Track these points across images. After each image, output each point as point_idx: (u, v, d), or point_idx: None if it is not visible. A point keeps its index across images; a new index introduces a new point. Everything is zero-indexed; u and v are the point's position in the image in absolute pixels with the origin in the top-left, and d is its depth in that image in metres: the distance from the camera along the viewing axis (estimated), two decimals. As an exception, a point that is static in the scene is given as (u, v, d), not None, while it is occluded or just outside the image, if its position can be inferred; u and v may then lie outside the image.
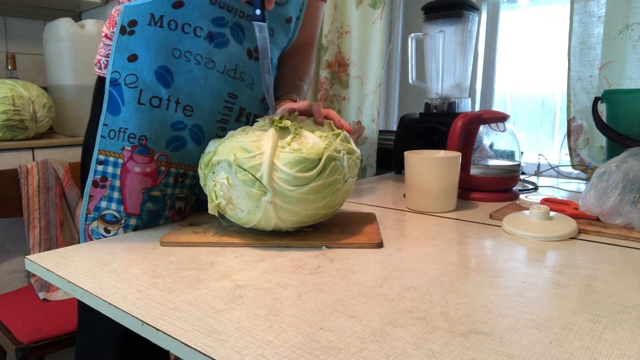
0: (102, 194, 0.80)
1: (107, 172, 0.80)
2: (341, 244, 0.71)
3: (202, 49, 0.80)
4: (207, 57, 0.80)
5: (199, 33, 0.79)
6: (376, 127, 1.74)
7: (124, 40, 0.77)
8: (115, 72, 0.78)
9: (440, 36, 1.37)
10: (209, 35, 0.80)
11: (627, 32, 1.21)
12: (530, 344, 0.43)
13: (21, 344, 1.23)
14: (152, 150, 0.80)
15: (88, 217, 0.81)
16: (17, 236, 1.64)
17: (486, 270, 0.62)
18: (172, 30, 0.78)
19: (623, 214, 0.79)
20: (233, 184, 0.69)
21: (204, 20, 0.79)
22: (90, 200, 0.81)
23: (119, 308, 0.52)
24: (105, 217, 0.80)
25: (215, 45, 0.80)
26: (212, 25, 0.80)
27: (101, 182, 0.80)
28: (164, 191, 0.83)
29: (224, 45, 0.81)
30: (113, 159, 0.80)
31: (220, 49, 0.81)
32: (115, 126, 0.79)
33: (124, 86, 0.78)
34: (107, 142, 0.79)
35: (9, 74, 1.81)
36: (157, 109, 0.79)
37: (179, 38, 0.78)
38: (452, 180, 0.93)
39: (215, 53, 0.81)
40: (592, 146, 1.32)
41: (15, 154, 1.60)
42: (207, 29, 0.79)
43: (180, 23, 0.78)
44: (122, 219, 0.80)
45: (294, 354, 0.42)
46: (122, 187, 0.80)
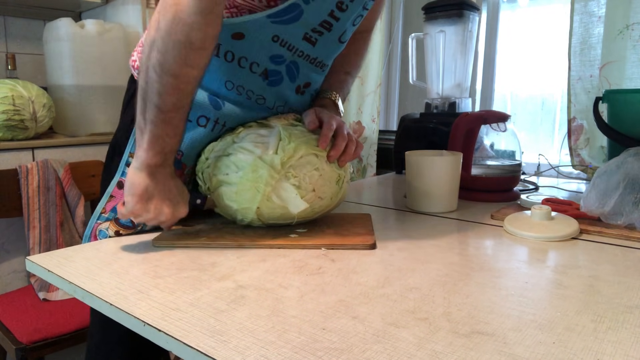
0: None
1: None
2: (334, 245, 0.71)
3: (256, 85, 0.77)
4: (259, 94, 0.78)
5: (254, 69, 0.76)
6: (376, 127, 1.74)
7: None
8: None
9: (440, 36, 1.37)
10: (264, 72, 0.77)
11: (627, 32, 1.21)
12: (533, 345, 0.43)
13: (21, 344, 1.23)
14: (185, 165, 0.79)
15: (102, 216, 0.79)
16: (17, 236, 1.64)
17: (488, 270, 0.62)
18: (229, 62, 0.74)
19: (624, 214, 0.79)
20: (322, 174, 0.73)
21: (262, 56, 0.75)
22: (110, 200, 0.78)
23: (120, 309, 0.51)
24: (121, 220, 0.78)
25: (269, 83, 0.78)
26: (269, 62, 0.76)
27: None
28: None
29: (277, 84, 0.79)
30: None
31: (273, 87, 0.79)
32: None
33: None
34: None
35: (9, 74, 1.81)
36: (203, 128, 0.77)
37: (234, 71, 0.75)
38: (453, 180, 0.93)
39: (267, 90, 0.79)
40: (593, 146, 1.32)
41: (15, 154, 1.59)
42: (264, 65, 0.76)
43: (237, 56, 0.74)
44: (138, 226, 0.78)
45: (297, 354, 0.42)
46: None
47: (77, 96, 1.79)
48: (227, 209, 0.75)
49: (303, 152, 0.72)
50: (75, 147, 1.73)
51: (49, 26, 1.79)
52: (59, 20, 1.74)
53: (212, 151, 0.76)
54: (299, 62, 0.80)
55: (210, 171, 0.75)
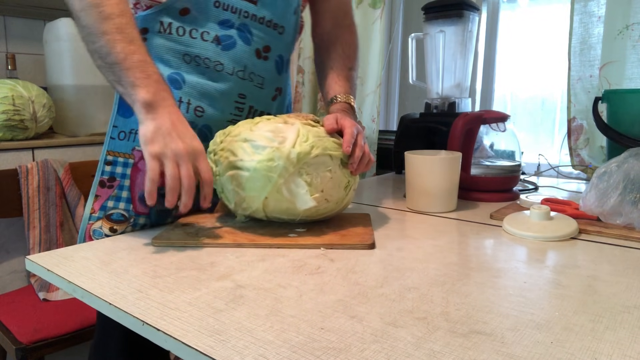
0: (110, 193, 0.80)
1: (115, 172, 0.80)
2: (333, 244, 0.71)
3: (211, 52, 0.81)
4: (216, 60, 0.81)
5: (206, 37, 0.80)
6: (376, 127, 1.74)
7: None
8: None
9: (440, 36, 1.37)
10: (215, 38, 0.81)
11: (627, 32, 1.21)
12: (531, 344, 0.43)
13: (21, 344, 1.23)
14: None
15: (92, 217, 0.80)
16: (17, 236, 1.64)
17: (487, 270, 0.62)
18: (181, 37, 0.79)
19: (624, 214, 0.79)
20: (333, 176, 0.74)
21: (210, 23, 0.80)
22: (96, 200, 0.80)
23: (119, 308, 0.52)
24: (112, 216, 0.80)
25: (223, 47, 0.81)
26: (218, 29, 0.81)
27: (108, 182, 0.80)
28: None
29: (231, 47, 0.82)
30: (123, 159, 0.80)
31: (227, 51, 0.82)
32: (125, 128, 0.80)
33: None
34: (116, 143, 0.80)
35: (9, 74, 1.81)
36: None
37: (188, 43, 0.80)
38: (452, 180, 0.93)
39: (223, 55, 0.81)
40: (593, 146, 1.32)
41: (15, 154, 1.60)
42: (214, 32, 0.81)
43: (187, 29, 0.79)
44: (130, 218, 0.81)
45: (295, 354, 0.42)
46: (132, 187, 0.81)
47: (77, 96, 1.79)
48: (232, 195, 0.75)
49: (319, 152, 0.72)
50: (75, 147, 1.73)
51: (49, 26, 1.79)
52: (59, 20, 1.74)
53: (228, 135, 0.76)
54: (249, 24, 0.83)
55: (223, 153, 0.74)
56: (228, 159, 0.73)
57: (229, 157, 0.73)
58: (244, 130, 0.74)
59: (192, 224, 0.81)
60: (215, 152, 0.76)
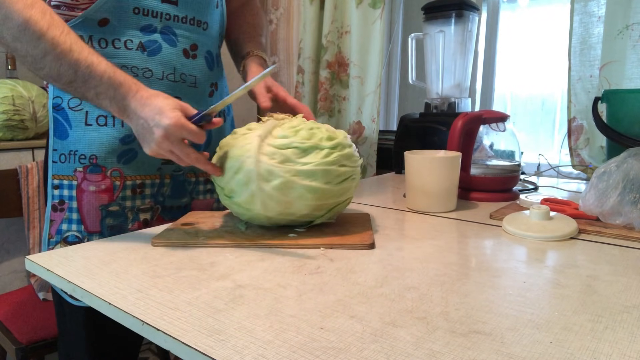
0: (62, 217, 0.81)
1: (63, 195, 0.81)
2: (333, 244, 0.71)
3: (137, 60, 0.80)
4: (144, 67, 0.80)
5: (129, 45, 0.79)
6: (376, 127, 1.74)
7: None
8: (57, 98, 0.79)
9: (440, 36, 1.37)
10: (140, 45, 0.80)
11: (627, 32, 1.21)
12: (530, 344, 0.43)
13: (21, 344, 1.23)
14: (104, 168, 0.81)
15: (50, 242, 0.82)
16: (17, 236, 1.64)
17: (486, 270, 0.62)
18: (103, 49, 0.78)
19: (623, 214, 0.79)
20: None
21: (132, 31, 0.79)
22: (52, 225, 0.82)
23: (119, 308, 0.52)
24: (68, 238, 0.81)
25: (149, 53, 0.80)
26: (141, 35, 0.80)
27: (59, 206, 0.81)
28: (122, 205, 0.84)
29: (157, 52, 0.81)
30: (67, 181, 0.81)
31: (154, 56, 0.81)
32: (65, 150, 0.80)
33: (69, 110, 0.79)
34: (59, 167, 0.81)
35: (9, 74, 1.81)
36: (104, 127, 0.80)
37: (112, 54, 0.78)
38: (452, 180, 0.93)
39: (150, 61, 0.81)
40: (593, 146, 1.32)
41: (15, 154, 1.60)
42: (138, 39, 0.79)
43: (110, 39, 0.78)
44: (84, 238, 0.81)
45: (295, 354, 0.42)
46: (80, 208, 0.81)
47: (77, 96, 1.79)
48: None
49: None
50: (75, 147, 1.73)
51: (49, 26, 1.79)
52: (59, 20, 1.74)
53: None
54: (172, 26, 0.82)
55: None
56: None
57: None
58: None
59: (192, 224, 0.81)
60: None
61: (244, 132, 0.75)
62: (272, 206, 0.71)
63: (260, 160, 0.69)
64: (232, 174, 0.71)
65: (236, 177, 0.70)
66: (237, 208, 0.74)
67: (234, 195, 0.72)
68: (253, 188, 0.69)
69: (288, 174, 0.69)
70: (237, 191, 0.71)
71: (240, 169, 0.70)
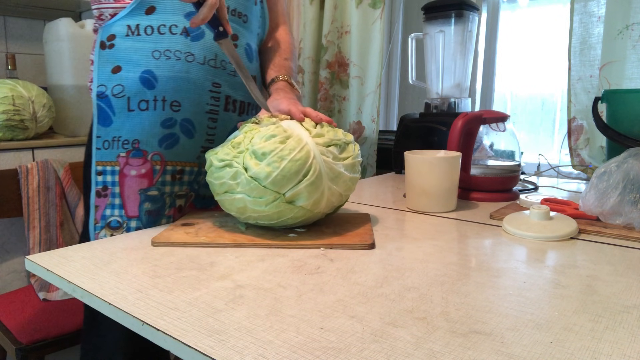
0: (106, 202, 0.83)
1: (106, 181, 0.83)
2: (333, 244, 0.71)
3: (180, 44, 0.82)
4: (186, 52, 0.82)
5: (174, 30, 0.82)
6: (376, 127, 1.74)
7: (105, 55, 0.81)
8: (101, 86, 0.81)
9: (440, 36, 1.37)
10: (184, 30, 0.82)
11: (627, 32, 1.21)
12: (530, 344, 0.43)
13: (21, 344, 1.23)
14: (145, 152, 0.82)
15: (97, 227, 0.84)
16: (17, 236, 1.64)
17: (486, 270, 0.62)
18: (149, 35, 0.81)
19: (623, 214, 0.79)
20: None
21: (177, 17, 0.82)
22: (97, 210, 0.83)
23: (119, 308, 0.52)
24: (111, 223, 0.83)
25: (192, 38, 0.83)
26: (185, 21, 0.82)
27: (103, 192, 0.83)
28: (161, 190, 0.85)
29: (200, 38, 0.83)
30: (110, 167, 0.82)
31: (197, 42, 0.83)
32: (108, 136, 0.82)
33: (112, 97, 0.81)
34: (102, 153, 0.82)
35: (9, 74, 1.81)
36: (146, 111, 0.81)
37: (157, 40, 0.81)
38: (452, 180, 0.93)
39: (193, 46, 0.83)
40: (593, 146, 1.32)
41: (15, 154, 1.60)
42: (182, 24, 0.82)
43: (155, 26, 0.81)
44: (124, 223, 0.83)
45: (295, 354, 0.42)
46: (122, 192, 0.83)
47: (77, 96, 1.79)
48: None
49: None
50: (75, 147, 1.73)
51: (49, 26, 1.79)
52: (59, 20, 1.74)
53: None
54: (215, 14, 0.83)
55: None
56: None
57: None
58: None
59: (192, 224, 0.81)
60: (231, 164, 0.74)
61: (276, 135, 0.72)
62: (332, 201, 0.75)
63: (325, 161, 0.72)
64: (300, 177, 0.69)
65: (305, 180, 0.70)
66: (297, 212, 0.72)
67: (298, 199, 0.71)
68: (323, 188, 0.71)
69: (342, 168, 0.74)
70: (303, 195, 0.70)
71: (308, 172, 0.70)
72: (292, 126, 0.74)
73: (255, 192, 0.69)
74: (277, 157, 0.69)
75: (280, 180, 0.68)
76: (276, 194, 0.69)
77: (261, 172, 0.68)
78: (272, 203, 0.70)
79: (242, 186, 0.70)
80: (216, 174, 0.73)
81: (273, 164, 0.68)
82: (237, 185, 0.70)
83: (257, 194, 0.69)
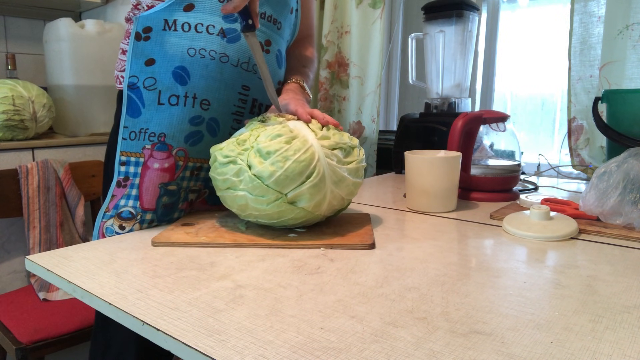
0: (123, 192, 0.82)
1: (129, 172, 0.82)
2: (333, 244, 0.71)
3: (216, 44, 0.82)
4: (221, 52, 0.83)
5: (211, 30, 0.82)
6: (376, 127, 1.74)
7: (140, 46, 0.80)
8: (133, 77, 0.81)
9: (440, 36, 1.37)
10: (221, 31, 0.82)
11: (627, 32, 1.21)
12: (531, 344, 0.43)
13: (21, 344, 1.23)
14: (171, 146, 0.82)
15: (106, 215, 0.83)
16: (17, 236, 1.64)
17: (487, 270, 0.62)
18: (186, 32, 0.81)
19: (623, 214, 0.79)
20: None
21: (215, 17, 0.82)
22: (112, 200, 0.83)
23: (119, 308, 0.52)
24: (122, 214, 0.82)
25: (228, 40, 0.83)
26: (223, 22, 0.82)
27: (124, 182, 0.82)
28: (180, 185, 0.85)
29: (236, 40, 0.84)
30: (135, 158, 0.82)
31: (233, 44, 0.83)
32: (135, 128, 0.82)
33: (143, 89, 0.81)
34: (128, 144, 0.82)
35: (9, 74, 1.81)
36: (176, 106, 0.82)
37: (193, 37, 0.81)
38: (452, 180, 0.93)
39: (228, 48, 0.83)
40: (593, 146, 1.32)
41: (15, 154, 1.60)
42: (219, 25, 0.82)
43: (193, 24, 0.81)
44: (137, 215, 0.82)
45: (295, 354, 0.42)
46: (140, 184, 0.82)
47: (77, 96, 1.79)
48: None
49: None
50: (75, 147, 1.73)
51: (49, 26, 1.79)
52: (59, 20, 1.74)
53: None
54: (247, 7, 0.83)
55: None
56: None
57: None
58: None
59: (192, 224, 0.81)
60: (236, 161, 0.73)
61: (282, 135, 0.72)
62: (333, 205, 0.75)
63: (329, 164, 0.71)
64: (304, 178, 0.69)
65: (307, 182, 0.69)
66: (298, 213, 0.72)
67: (299, 200, 0.70)
68: (325, 191, 0.71)
69: (345, 172, 0.74)
70: (305, 196, 0.70)
71: (311, 174, 0.69)
72: (298, 127, 0.74)
73: (257, 191, 0.69)
74: (282, 157, 0.68)
75: (283, 180, 0.68)
76: (278, 193, 0.69)
77: (264, 170, 0.68)
78: (273, 202, 0.70)
79: (244, 183, 0.70)
80: (220, 169, 0.73)
81: (277, 163, 0.68)
82: (240, 182, 0.70)
83: (259, 192, 0.69)
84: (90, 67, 1.79)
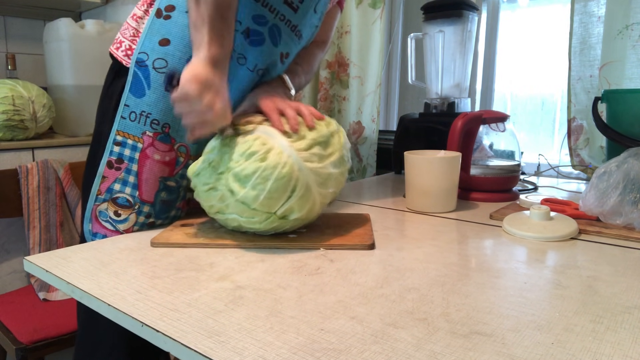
0: (117, 176, 0.78)
1: (123, 154, 0.78)
2: (333, 245, 0.71)
3: (237, 43, 0.79)
4: (240, 53, 0.80)
5: (236, 27, 0.77)
6: (376, 127, 1.74)
7: (158, 23, 0.76)
8: (143, 53, 0.77)
9: (440, 36, 1.37)
10: (246, 30, 0.79)
11: (627, 32, 1.21)
12: (532, 345, 0.43)
13: (21, 344, 1.23)
14: (174, 140, 0.80)
15: (98, 198, 0.79)
16: (17, 236, 1.64)
17: (487, 270, 0.62)
18: None
19: (623, 214, 0.79)
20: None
21: (244, 15, 0.78)
22: (103, 181, 0.78)
23: (118, 309, 0.51)
24: (118, 200, 0.78)
25: (251, 42, 0.80)
26: (251, 22, 0.79)
27: (116, 164, 0.78)
28: (179, 182, 0.83)
29: (259, 44, 0.81)
30: (132, 141, 0.78)
31: (254, 47, 0.80)
32: (137, 109, 0.78)
33: (152, 69, 0.77)
34: (126, 124, 0.78)
35: (9, 74, 1.81)
36: None
37: None
38: (452, 180, 0.93)
39: (248, 50, 0.80)
40: (592, 146, 1.32)
41: (15, 154, 1.59)
42: (246, 24, 0.79)
43: None
44: (135, 205, 0.79)
45: (295, 355, 0.42)
46: (140, 173, 0.79)
47: (77, 96, 1.79)
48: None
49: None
50: (75, 147, 1.73)
51: (49, 26, 1.79)
52: (59, 20, 1.74)
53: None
54: (281, 27, 0.82)
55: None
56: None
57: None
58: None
59: (191, 225, 0.81)
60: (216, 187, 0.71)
61: (256, 152, 0.68)
62: (325, 203, 0.74)
63: (310, 169, 0.69)
64: (289, 193, 0.68)
65: (293, 195, 0.68)
66: (293, 222, 0.71)
67: (292, 213, 0.70)
68: (314, 197, 0.70)
69: (330, 167, 0.71)
70: (295, 209, 0.69)
71: (295, 187, 0.68)
72: (270, 133, 0.70)
73: (246, 214, 0.69)
74: (261, 179, 0.66)
75: (268, 201, 0.67)
76: (267, 213, 0.68)
77: (248, 196, 0.67)
78: (265, 221, 0.69)
79: (231, 208, 0.69)
80: (203, 196, 0.72)
81: (258, 186, 0.66)
82: (227, 207, 0.69)
83: (248, 215, 0.69)
84: (90, 67, 1.79)
